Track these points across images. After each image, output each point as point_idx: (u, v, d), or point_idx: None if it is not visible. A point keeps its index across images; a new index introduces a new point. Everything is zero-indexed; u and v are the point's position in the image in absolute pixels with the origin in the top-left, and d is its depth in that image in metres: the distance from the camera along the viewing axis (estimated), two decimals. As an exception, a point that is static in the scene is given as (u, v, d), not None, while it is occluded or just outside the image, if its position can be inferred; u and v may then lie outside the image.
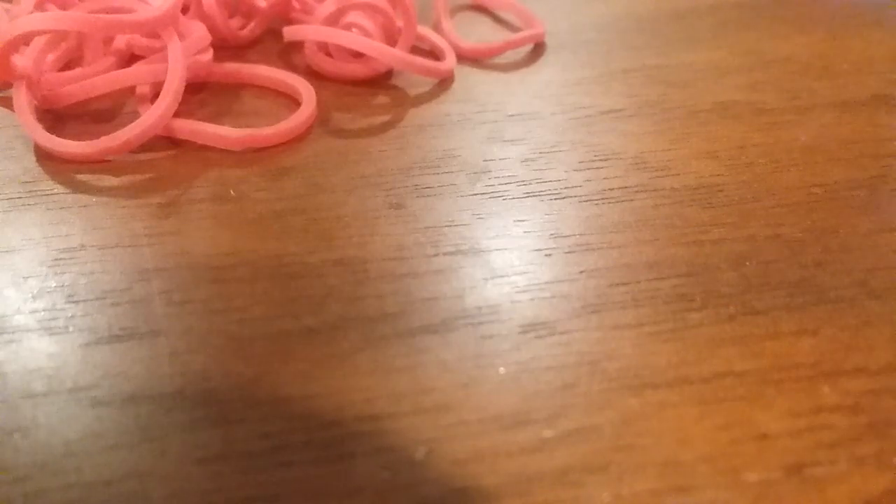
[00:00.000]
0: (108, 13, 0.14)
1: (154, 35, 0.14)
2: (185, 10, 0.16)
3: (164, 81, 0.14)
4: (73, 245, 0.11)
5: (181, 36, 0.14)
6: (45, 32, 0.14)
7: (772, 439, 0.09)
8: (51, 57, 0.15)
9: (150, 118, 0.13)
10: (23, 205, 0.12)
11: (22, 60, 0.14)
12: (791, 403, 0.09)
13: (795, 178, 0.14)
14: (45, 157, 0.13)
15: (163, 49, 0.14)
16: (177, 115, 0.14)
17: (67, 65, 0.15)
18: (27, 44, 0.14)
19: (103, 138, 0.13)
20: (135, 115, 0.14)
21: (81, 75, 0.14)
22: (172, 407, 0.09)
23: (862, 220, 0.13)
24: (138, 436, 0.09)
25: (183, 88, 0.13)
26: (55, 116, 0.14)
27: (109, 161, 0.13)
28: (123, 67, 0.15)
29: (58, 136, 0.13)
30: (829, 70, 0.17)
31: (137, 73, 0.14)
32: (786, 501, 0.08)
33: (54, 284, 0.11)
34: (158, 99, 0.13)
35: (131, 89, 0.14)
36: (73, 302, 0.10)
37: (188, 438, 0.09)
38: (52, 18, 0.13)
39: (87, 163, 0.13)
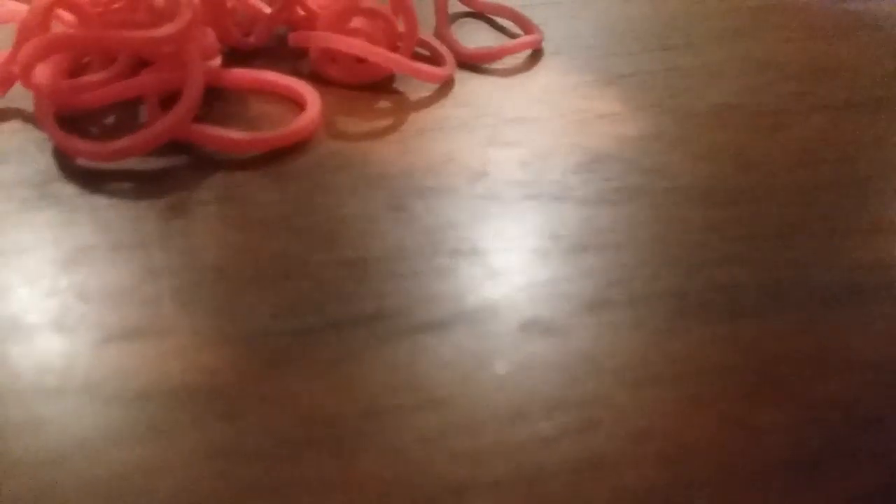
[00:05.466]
0: (126, 27, 0.14)
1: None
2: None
3: (175, 87, 0.14)
4: (84, 245, 0.12)
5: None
6: (70, 48, 0.14)
7: (766, 435, 0.09)
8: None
9: (169, 120, 0.13)
10: (35, 206, 0.12)
11: (41, 69, 0.14)
12: (786, 401, 0.09)
13: (788, 180, 0.14)
14: (56, 160, 0.14)
15: (172, 55, 0.14)
16: (186, 119, 0.14)
17: (75, 69, 0.15)
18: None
19: (122, 139, 0.13)
20: (144, 120, 0.14)
21: (98, 83, 0.14)
22: (180, 403, 0.09)
23: (853, 221, 0.13)
24: (147, 432, 0.09)
25: (201, 94, 0.14)
26: (68, 121, 0.14)
27: (119, 164, 0.14)
28: (133, 71, 0.15)
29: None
30: (826, 72, 0.17)
31: (153, 81, 0.14)
32: (780, 497, 0.08)
33: (66, 284, 0.11)
34: (179, 103, 0.13)
35: (141, 95, 0.15)
36: (85, 301, 0.11)
37: (196, 434, 0.09)
38: (78, 36, 0.13)
39: (103, 164, 0.13)
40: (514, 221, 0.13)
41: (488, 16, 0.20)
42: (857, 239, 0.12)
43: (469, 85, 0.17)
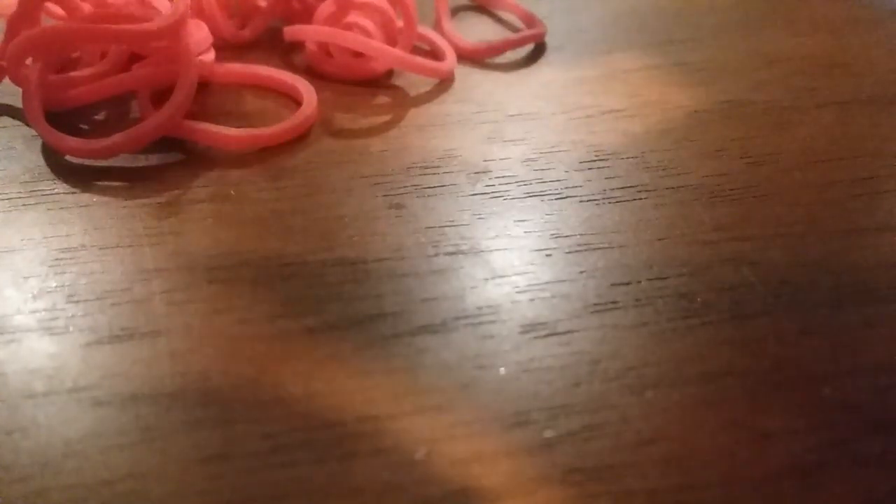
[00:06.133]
0: (117, 20, 0.14)
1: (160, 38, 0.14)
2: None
3: (167, 83, 0.14)
4: (73, 245, 0.11)
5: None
6: (60, 43, 0.14)
7: (772, 439, 0.09)
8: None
9: (161, 116, 0.13)
10: (23, 205, 0.12)
11: (31, 64, 0.14)
12: (791, 403, 0.09)
13: (796, 178, 0.14)
14: (45, 157, 0.13)
15: (164, 49, 0.14)
16: (178, 115, 0.14)
17: (65, 64, 0.15)
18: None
19: (115, 135, 0.13)
20: (135, 116, 0.14)
21: (88, 78, 0.14)
22: (173, 407, 0.09)
23: (862, 220, 0.13)
24: (139, 436, 0.09)
25: (194, 89, 0.14)
26: (58, 117, 0.14)
27: (110, 162, 0.13)
28: (124, 66, 0.15)
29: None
30: (829, 70, 0.17)
31: (145, 76, 0.14)
32: (786, 501, 0.08)
33: (55, 284, 0.11)
34: (171, 98, 0.13)
35: (132, 91, 0.14)
36: (74, 302, 0.10)
37: (188, 438, 0.09)
38: (68, 31, 0.13)
39: (94, 161, 0.13)
40: (515, 220, 0.12)
41: (489, 9, 0.20)
42: (866, 238, 0.12)
43: (470, 80, 0.17)
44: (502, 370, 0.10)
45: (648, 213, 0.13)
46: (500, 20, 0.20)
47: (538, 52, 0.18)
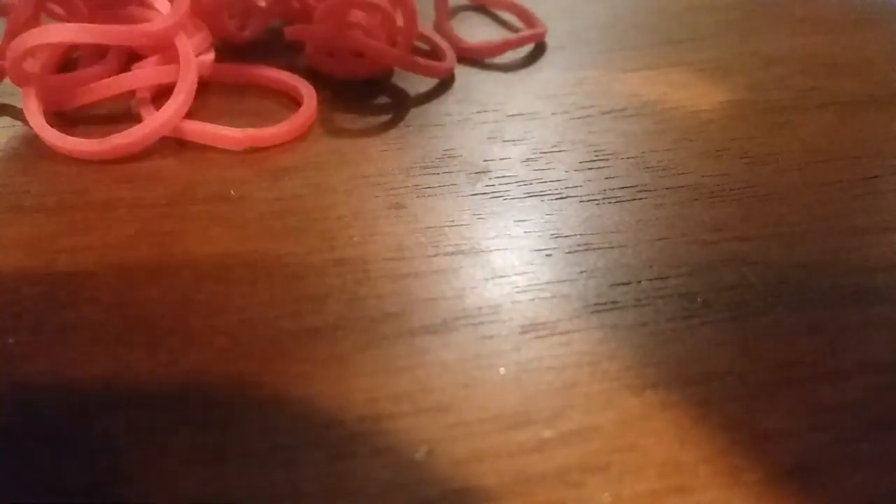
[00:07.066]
0: (116, 20, 0.14)
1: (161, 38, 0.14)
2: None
3: (167, 83, 0.14)
4: (73, 245, 0.11)
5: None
6: (62, 43, 0.14)
7: (772, 439, 0.09)
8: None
9: (162, 116, 0.13)
10: (23, 205, 0.12)
11: (31, 64, 0.14)
12: (791, 403, 0.09)
13: (796, 178, 0.14)
14: (45, 158, 0.13)
15: (164, 49, 0.14)
16: (178, 115, 0.14)
17: (65, 64, 0.15)
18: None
19: (115, 135, 0.13)
20: (135, 117, 0.14)
21: (88, 78, 0.14)
22: (173, 407, 0.09)
23: (862, 220, 0.13)
24: (138, 437, 0.09)
25: (195, 88, 0.13)
26: (58, 117, 0.14)
27: (109, 161, 0.13)
28: (124, 66, 0.15)
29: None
30: (829, 70, 0.17)
31: (145, 76, 0.14)
32: (786, 502, 0.08)
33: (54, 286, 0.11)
34: (172, 97, 0.13)
35: (132, 91, 0.14)
36: (74, 303, 0.10)
37: (189, 439, 0.09)
38: (70, 30, 0.13)
39: (95, 161, 0.13)
40: (515, 220, 0.12)
41: (489, 9, 0.20)
42: (866, 238, 0.12)
43: (470, 80, 0.17)
44: (502, 370, 0.10)
45: (648, 213, 0.13)
46: (500, 20, 0.20)
47: (538, 52, 0.18)
